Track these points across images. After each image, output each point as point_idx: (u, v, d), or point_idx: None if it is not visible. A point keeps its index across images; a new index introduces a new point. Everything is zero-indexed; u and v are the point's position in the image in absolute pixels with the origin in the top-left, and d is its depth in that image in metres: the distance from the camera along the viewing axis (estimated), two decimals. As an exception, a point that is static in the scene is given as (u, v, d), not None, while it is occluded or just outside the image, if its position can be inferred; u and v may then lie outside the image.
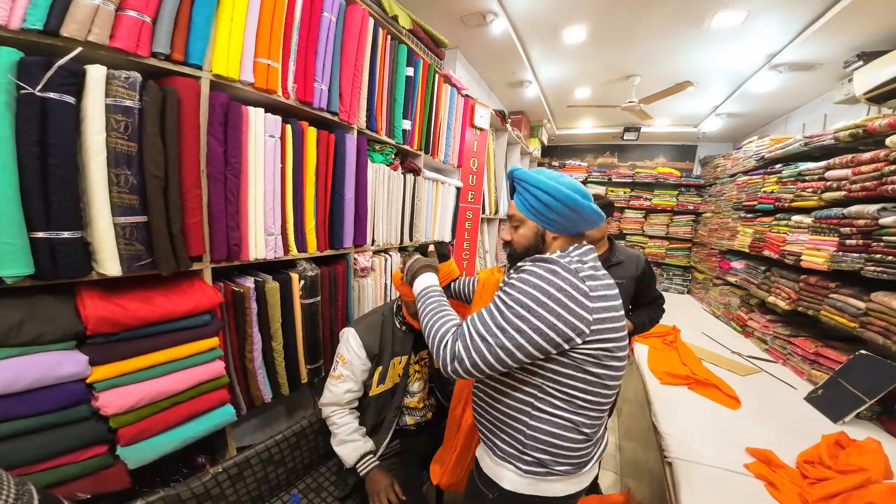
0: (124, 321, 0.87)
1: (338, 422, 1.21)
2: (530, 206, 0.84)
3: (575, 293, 0.72)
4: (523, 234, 0.87)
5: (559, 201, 0.80)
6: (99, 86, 0.81)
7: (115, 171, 0.86)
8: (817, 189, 2.02)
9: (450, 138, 2.37)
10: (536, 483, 0.80)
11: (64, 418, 0.82)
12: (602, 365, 0.76)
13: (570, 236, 0.86)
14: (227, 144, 1.08)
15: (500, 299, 0.76)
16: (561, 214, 0.82)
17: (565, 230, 0.85)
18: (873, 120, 1.69)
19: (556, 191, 0.80)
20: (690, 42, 2.70)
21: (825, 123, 3.04)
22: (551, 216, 0.82)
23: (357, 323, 1.26)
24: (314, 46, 1.32)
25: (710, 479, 1.14)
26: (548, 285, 0.72)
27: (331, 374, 1.24)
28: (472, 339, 0.73)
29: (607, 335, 0.76)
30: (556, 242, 0.86)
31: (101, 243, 0.85)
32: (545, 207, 0.82)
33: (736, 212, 3.25)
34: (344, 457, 1.18)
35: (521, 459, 0.80)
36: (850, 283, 1.71)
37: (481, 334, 0.73)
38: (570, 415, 0.78)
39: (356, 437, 1.20)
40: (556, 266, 0.74)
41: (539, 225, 0.85)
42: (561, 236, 0.85)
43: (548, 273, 0.73)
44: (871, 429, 1.42)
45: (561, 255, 0.81)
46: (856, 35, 2.24)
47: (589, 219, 0.83)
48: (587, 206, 0.81)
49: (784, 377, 1.89)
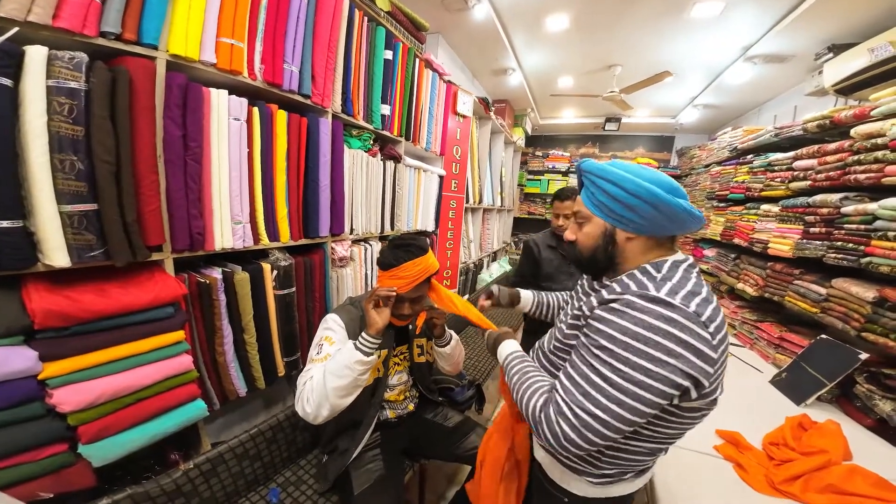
0: (76, 314, 0.82)
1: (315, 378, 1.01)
2: (596, 201, 0.73)
3: (699, 345, 0.58)
4: (588, 233, 0.76)
5: (631, 194, 0.67)
6: (39, 67, 0.76)
7: (60, 157, 0.80)
8: (785, 179, 2.08)
9: (432, 125, 2.32)
10: (606, 488, 0.80)
11: (15, 416, 0.78)
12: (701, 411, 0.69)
13: (651, 239, 0.72)
14: (187, 128, 1.02)
15: (601, 358, 0.62)
16: (634, 210, 0.68)
17: (642, 230, 0.70)
18: (840, 111, 1.74)
19: (626, 181, 0.67)
20: (670, 32, 2.72)
21: (795, 115, 3.15)
22: (623, 212, 0.70)
23: (337, 310, 1.20)
24: (283, 26, 1.25)
25: (682, 461, 1.17)
26: (664, 338, 0.58)
27: (312, 359, 1.07)
28: (576, 416, 0.62)
29: (720, 382, 0.66)
30: (630, 244, 0.73)
31: (47, 233, 0.80)
32: (613, 201, 0.70)
33: (709, 201, 3.34)
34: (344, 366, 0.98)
35: (593, 474, 0.78)
36: (813, 270, 1.78)
37: (590, 411, 0.61)
38: (654, 445, 0.73)
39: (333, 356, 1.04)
40: (673, 313, 0.59)
41: (606, 222, 0.73)
42: (637, 238, 0.72)
43: (663, 323, 0.59)
44: (832, 411, 1.49)
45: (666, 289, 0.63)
46: (827, 28, 2.30)
47: (677, 219, 0.67)
48: (674, 202, 0.65)
49: (751, 361, 1.97)
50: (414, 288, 1.08)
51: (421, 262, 1.07)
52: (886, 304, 1.33)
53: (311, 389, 0.99)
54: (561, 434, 0.64)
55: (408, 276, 1.06)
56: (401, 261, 1.06)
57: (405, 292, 1.08)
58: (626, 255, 0.74)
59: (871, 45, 1.98)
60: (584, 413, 0.62)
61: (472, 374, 2.10)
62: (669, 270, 0.68)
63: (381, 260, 1.11)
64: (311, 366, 1.05)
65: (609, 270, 0.77)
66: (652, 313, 0.60)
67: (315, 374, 1.01)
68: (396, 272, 1.06)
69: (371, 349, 1.01)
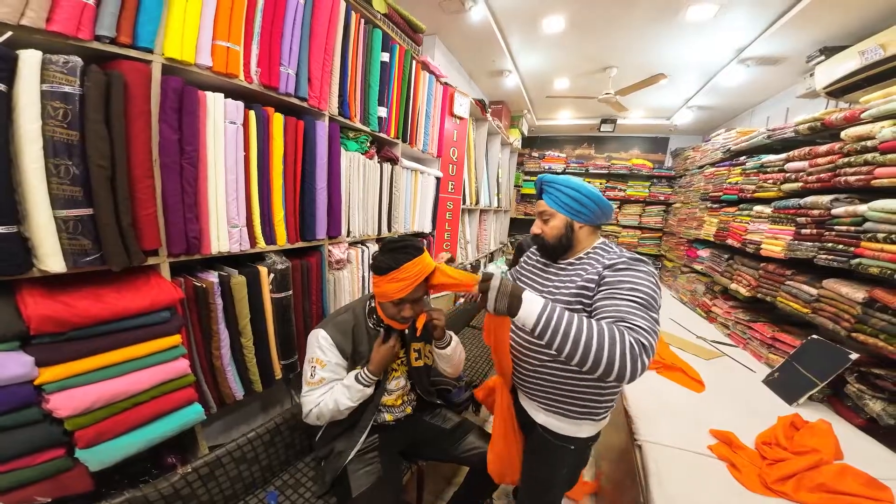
0: (72, 320, 0.81)
1: (326, 401, 1.13)
2: (560, 202, 1.02)
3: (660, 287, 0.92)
4: (554, 226, 1.04)
5: (587, 196, 1.00)
6: (33, 72, 0.75)
7: (54, 162, 0.79)
8: (777, 180, 2.11)
9: (428, 127, 2.33)
10: (598, 424, 1.08)
11: (12, 421, 0.77)
12: None
13: (592, 226, 1.05)
14: (183, 131, 1.01)
15: (638, 297, 0.85)
16: (587, 207, 1.00)
17: (590, 221, 1.03)
18: (831, 114, 1.76)
19: (583, 187, 1.01)
20: (665, 35, 2.74)
21: (787, 117, 3.18)
22: (579, 209, 1.01)
23: (325, 323, 1.19)
24: (280, 28, 1.25)
25: (677, 461, 1.18)
26: (657, 283, 0.91)
27: (307, 381, 1.15)
28: (650, 335, 0.79)
29: None
30: (582, 232, 1.04)
31: (41, 238, 0.79)
32: (574, 202, 1.00)
33: (703, 202, 3.37)
34: (346, 397, 1.12)
35: (597, 414, 1.04)
36: (805, 271, 1.81)
37: (653, 329, 0.81)
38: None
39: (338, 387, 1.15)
40: (651, 267, 0.94)
41: (568, 217, 1.02)
42: (585, 226, 1.04)
43: (653, 273, 0.92)
44: (823, 411, 1.51)
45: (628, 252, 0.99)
46: (819, 30, 2.33)
47: (607, 212, 1.03)
48: (606, 201, 1.03)
49: (745, 361, 1.99)
50: (414, 289, 1.08)
51: (419, 263, 1.06)
52: (876, 305, 1.35)
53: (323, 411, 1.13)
54: (643, 351, 0.77)
55: (408, 277, 1.05)
56: (400, 262, 1.05)
57: (406, 295, 1.07)
58: (579, 240, 1.04)
59: (862, 48, 2.00)
60: (651, 333, 0.80)
61: (469, 375, 2.10)
62: (616, 246, 1.04)
63: (378, 265, 1.08)
64: (309, 390, 1.15)
65: (565, 253, 1.06)
66: (646, 269, 0.92)
67: (326, 400, 1.13)
68: (396, 275, 1.05)
69: (370, 383, 1.14)
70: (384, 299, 1.12)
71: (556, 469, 1.12)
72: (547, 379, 1.06)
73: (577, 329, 0.78)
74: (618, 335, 0.76)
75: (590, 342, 0.76)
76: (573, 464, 1.14)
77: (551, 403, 1.07)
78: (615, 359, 0.75)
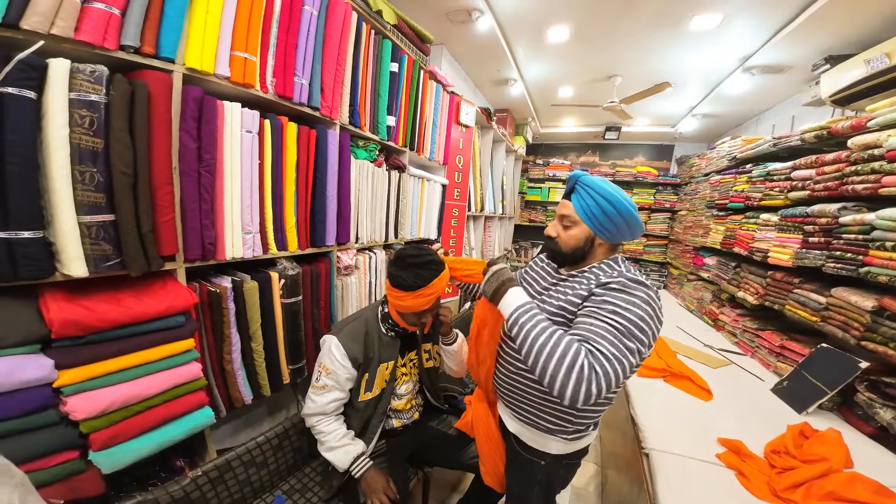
0: (92, 323, 0.83)
1: (324, 430, 1.16)
2: (590, 212, 0.88)
3: (658, 319, 0.81)
4: (574, 235, 0.91)
5: (621, 214, 0.86)
6: (62, 80, 0.78)
7: (80, 168, 0.82)
8: (784, 188, 2.11)
9: (435, 135, 2.36)
10: (574, 443, 0.97)
11: (30, 424, 0.79)
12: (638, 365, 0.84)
13: (611, 244, 0.92)
14: (202, 140, 1.04)
15: (616, 321, 0.76)
16: (617, 226, 0.87)
17: (612, 239, 0.91)
18: (837, 122, 1.76)
19: (620, 204, 0.85)
20: (669, 44, 2.76)
21: (793, 125, 3.18)
22: (608, 225, 0.87)
23: (338, 330, 1.19)
24: (294, 40, 1.29)
25: (685, 470, 1.18)
26: (651, 313, 0.78)
27: (313, 384, 1.17)
28: (613, 363, 0.72)
29: None
30: (600, 249, 0.92)
31: (66, 243, 0.82)
32: (605, 217, 0.86)
33: (709, 210, 3.36)
34: (335, 462, 1.14)
35: (567, 430, 0.94)
36: (813, 279, 1.80)
37: (620, 358, 0.73)
38: (610, 396, 0.89)
39: (346, 441, 1.16)
40: (652, 292, 0.81)
41: (592, 230, 0.90)
42: (605, 244, 0.91)
43: (650, 301, 0.79)
44: (833, 419, 1.49)
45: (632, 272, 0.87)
46: (824, 38, 2.34)
47: (635, 233, 0.90)
48: (639, 222, 0.88)
49: (752, 369, 1.97)
50: (436, 300, 1.12)
51: (443, 277, 1.09)
52: (885, 314, 1.34)
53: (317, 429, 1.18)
54: (604, 375, 0.70)
55: (433, 293, 1.08)
56: (427, 280, 1.06)
57: (429, 308, 1.11)
58: (594, 255, 0.93)
59: (867, 57, 2.01)
60: (614, 360, 0.72)
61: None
62: (622, 263, 0.91)
63: (401, 281, 1.06)
64: (313, 393, 1.17)
65: (573, 264, 0.95)
66: (643, 292, 0.80)
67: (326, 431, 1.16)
68: (423, 292, 1.06)
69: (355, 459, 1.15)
70: (408, 311, 1.13)
71: (527, 486, 1.05)
72: (519, 386, 1.01)
73: (537, 333, 0.75)
74: (572, 353, 0.71)
75: (542, 349, 0.73)
76: (546, 483, 1.04)
77: (522, 412, 1.02)
78: (558, 375, 0.71)
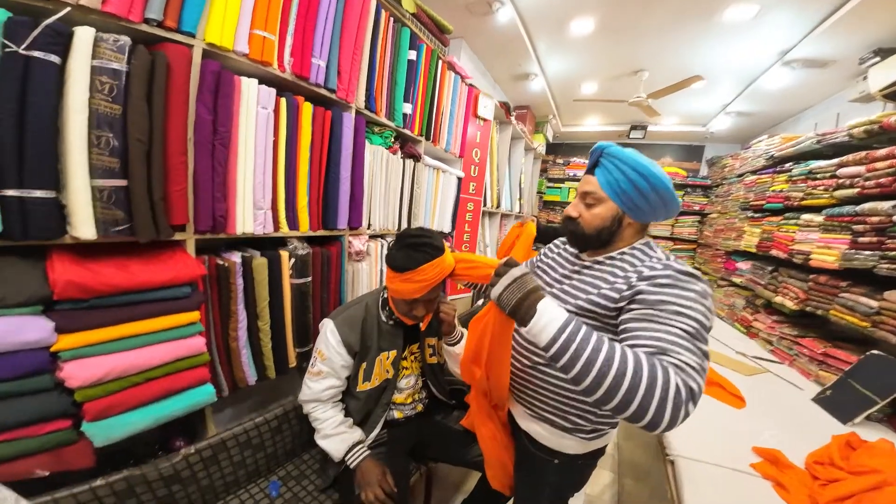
0: (95, 287, 0.82)
1: (320, 417, 1.12)
2: (618, 187, 0.76)
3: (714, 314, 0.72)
4: (598, 215, 0.79)
5: (655, 189, 0.73)
6: (86, 47, 0.79)
7: (97, 133, 0.83)
8: (829, 187, 1.97)
9: (452, 126, 2.33)
10: (592, 442, 0.90)
11: (23, 387, 0.75)
12: None
13: (643, 225, 0.81)
14: (217, 113, 1.04)
15: (686, 324, 0.66)
16: (650, 203, 0.75)
17: (643, 219, 0.79)
18: (889, 115, 1.65)
19: (654, 177, 0.73)
20: (700, 36, 2.64)
21: (838, 122, 2.98)
22: (640, 203, 0.75)
23: (337, 314, 1.14)
24: (313, 21, 1.29)
25: (714, 478, 1.09)
26: (710, 307, 0.70)
27: (309, 370, 1.13)
28: (700, 376, 0.63)
29: None
30: (629, 230, 0.80)
31: (77, 206, 0.82)
32: (636, 192, 0.74)
33: (743, 212, 3.19)
34: (331, 450, 1.09)
35: (586, 430, 0.87)
36: (862, 282, 1.66)
37: (703, 368, 0.64)
38: None
39: (342, 429, 1.12)
40: (706, 284, 0.70)
41: (620, 209, 0.78)
42: (635, 224, 0.79)
43: (707, 294, 0.70)
44: (883, 430, 1.37)
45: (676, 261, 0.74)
46: (872, 30, 2.17)
47: (670, 212, 0.78)
48: (675, 197, 0.76)
49: (790, 378, 1.83)
50: (430, 290, 1.00)
51: (438, 264, 0.96)
52: (949, 318, 1.21)
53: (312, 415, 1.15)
54: (698, 389, 0.61)
55: (424, 279, 0.96)
56: (417, 263, 0.95)
57: (420, 296, 1.00)
58: (622, 237, 0.81)
59: (924, 47, 1.85)
60: (701, 370, 0.63)
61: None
62: (658, 249, 0.80)
63: (393, 261, 0.99)
64: (309, 378, 1.14)
65: (598, 247, 0.83)
66: (700, 287, 0.69)
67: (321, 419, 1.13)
68: (412, 276, 0.96)
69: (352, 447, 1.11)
70: (397, 296, 1.05)
71: (537, 487, 0.98)
72: (536, 382, 0.91)
73: (605, 359, 0.60)
74: (660, 375, 0.59)
75: (620, 378, 0.59)
76: (556, 485, 0.96)
77: (537, 409, 0.92)
78: (651, 404, 0.58)
